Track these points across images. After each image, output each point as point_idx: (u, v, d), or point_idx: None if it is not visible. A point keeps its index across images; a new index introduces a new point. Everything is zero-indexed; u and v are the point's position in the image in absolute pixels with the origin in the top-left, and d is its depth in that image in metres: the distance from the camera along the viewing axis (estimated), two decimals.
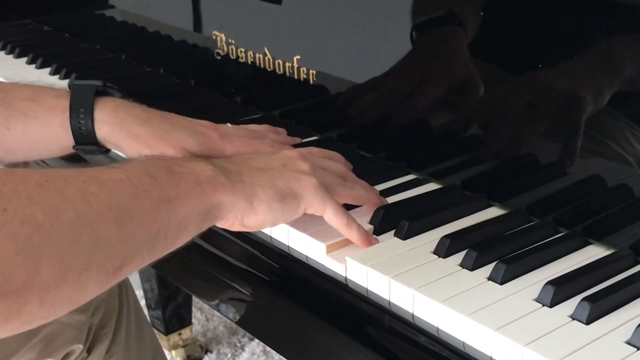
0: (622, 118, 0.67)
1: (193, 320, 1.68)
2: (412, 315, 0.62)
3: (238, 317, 0.78)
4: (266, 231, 0.75)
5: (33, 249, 0.47)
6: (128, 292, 1.05)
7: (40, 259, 0.47)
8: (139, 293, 1.65)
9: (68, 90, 0.81)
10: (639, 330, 0.56)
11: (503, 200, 0.76)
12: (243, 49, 1.01)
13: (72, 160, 0.92)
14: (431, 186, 0.81)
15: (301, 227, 0.71)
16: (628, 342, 0.56)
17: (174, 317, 1.61)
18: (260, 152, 0.76)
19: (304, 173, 0.68)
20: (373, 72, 0.86)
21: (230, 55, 1.04)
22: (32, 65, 1.27)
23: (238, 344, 1.71)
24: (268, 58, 0.97)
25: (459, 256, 0.66)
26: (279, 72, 0.96)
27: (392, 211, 0.73)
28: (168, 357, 1.60)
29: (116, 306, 1.00)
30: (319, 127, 0.95)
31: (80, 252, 0.50)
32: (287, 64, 0.95)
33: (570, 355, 0.54)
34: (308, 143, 0.91)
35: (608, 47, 0.68)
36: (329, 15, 0.89)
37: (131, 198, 0.55)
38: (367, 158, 0.88)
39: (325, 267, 0.69)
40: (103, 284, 0.53)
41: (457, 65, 0.79)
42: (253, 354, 1.67)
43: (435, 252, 0.68)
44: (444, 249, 0.67)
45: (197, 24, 1.10)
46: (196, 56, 1.12)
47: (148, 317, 1.57)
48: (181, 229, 0.59)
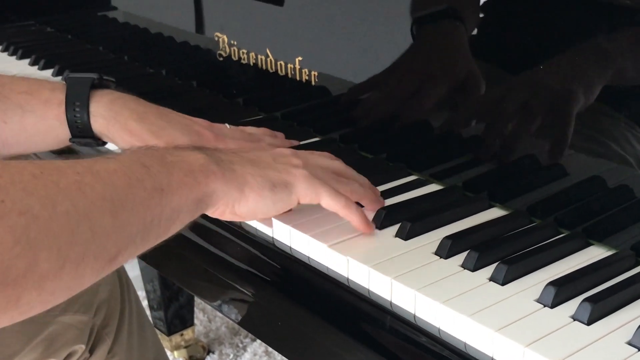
0: (623, 119, 0.67)
1: (195, 321, 1.68)
2: (414, 315, 0.62)
3: (240, 318, 0.78)
4: (268, 232, 0.75)
5: (31, 240, 0.48)
6: (130, 293, 1.05)
7: (37, 250, 0.48)
8: (142, 294, 1.65)
9: (64, 83, 0.81)
10: None
11: (504, 201, 0.76)
12: (245, 51, 1.02)
13: (65, 153, 0.91)
14: (433, 187, 0.81)
15: (303, 228, 0.71)
16: (629, 343, 0.56)
17: (176, 318, 1.61)
18: None
19: (295, 166, 0.69)
20: (374, 74, 0.86)
21: (232, 56, 1.04)
22: (35, 66, 1.27)
23: (240, 345, 1.71)
24: (270, 59, 0.98)
25: (461, 257, 0.67)
26: (281, 74, 0.96)
27: (394, 212, 0.73)
28: (170, 358, 1.60)
29: (118, 306, 1.00)
30: (321, 128, 0.95)
31: (77, 242, 0.51)
32: (289, 66, 0.95)
33: (571, 355, 0.55)
34: (309, 144, 0.91)
35: (601, 43, 0.68)
36: (331, 16, 0.89)
37: (125, 188, 0.56)
38: (369, 159, 0.88)
39: (327, 268, 0.69)
40: (99, 272, 0.54)
41: (460, 64, 0.79)
42: (255, 355, 1.67)
43: (436, 253, 0.68)
44: (446, 250, 0.67)
45: (200, 26, 1.10)
46: (198, 57, 1.12)
47: (150, 318, 1.57)
48: (174, 217, 0.60)
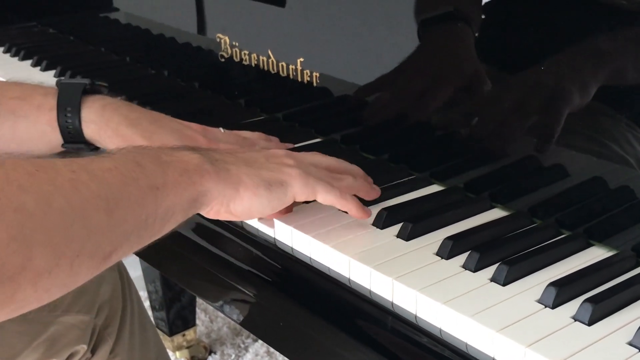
0: (624, 119, 0.67)
1: (197, 321, 1.68)
2: (415, 316, 0.62)
3: (242, 318, 0.79)
4: (270, 232, 0.75)
5: (26, 237, 0.48)
6: (132, 293, 1.05)
7: (32, 246, 0.48)
8: (144, 294, 1.65)
9: (57, 88, 0.81)
10: None
11: (505, 202, 0.76)
12: (247, 52, 1.02)
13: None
14: (434, 188, 0.81)
15: (305, 229, 0.71)
16: (630, 343, 0.56)
17: (178, 319, 1.62)
18: None
19: (288, 165, 0.69)
20: (376, 75, 0.87)
21: (234, 57, 1.04)
22: (37, 67, 1.27)
23: (242, 345, 1.71)
24: (272, 60, 0.98)
25: (462, 257, 0.67)
26: (283, 75, 0.96)
27: (396, 213, 0.73)
28: (172, 358, 1.60)
29: (120, 307, 1.01)
30: (323, 129, 0.95)
31: (71, 240, 0.51)
32: (291, 67, 0.95)
33: (572, 356, 0.55)
34: (311, 145, 0.91)
35: (597, 42, 0.68)
36: (333, 17, 0.89)
37: (120, 186, 0.56)
38: (370, 160, 0.88)
39: (328, 269, 0.69)
40: (94, 270, 0.54)
41: (466, 66, 0.79)
42: (257, 355, 1.67)
43: (438, 254, 0.68)
44: (447, 251, 0.67)
45: (201, 27, 1.10)
46: (200, 59, 1.12)
47: (152, 319, 1.57)
48: (168, 216, 0.60)
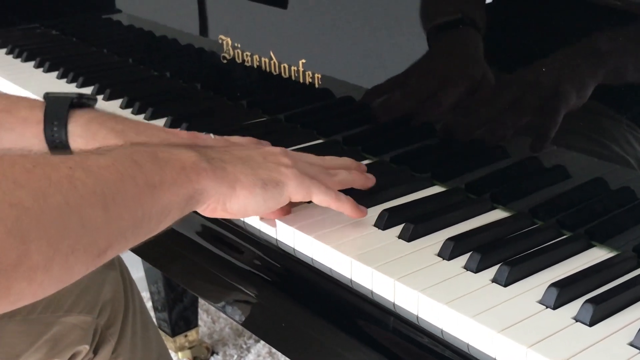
0: (625, 120, 0.68)
1: (199, 322, 1.69)
2: (417, 317, 0.63)
3: (244, 319, 0.79)
4: (272, 233, 0.75)
5: (22, 231, 0.48)
6: (133, 293, 1.05)
7: (28, 241, 0.49)
8: (146, 295, 1.65)
9: (44, 101, 0.81)
10: None
11: (507, 203, 0.77)
12: (249, 53, 1.02)
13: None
14: (435, 189, 0.82)
15: (307, 230, 0.72)
16: (631, 344, 0.56)
17: (181, 319, 1.62)
18: None
19: (285, 165, 0.69)
20: (378, 76, 0.87)
21: (236, 59, 1.04)
22: (40, 69, 1.27)
23: (244, 346, 1.72)
24: (274, 62, 0.98)
25: (463, 258, 0.67)
26: (285, 76, 0.97)
27: (397, 213, 0.74)
28: (174, 359, 1.60)
29: (122, 307, 1.01)
30: (325, 131, 0.95)
31: (67, 235, 0.51)
32: (293, 68, 0.95)
33: (573, 356, 0.55)
34: (313, 146, 0.91)
35: (594, 41, 0.68)
36: (334, 19, 0.89)
37: (116, 183, 0.56)
38: (372, 161, 0.88)
39: (330, 269, 0.70)
40: (90, 265, 0.55)
41: (474, 70, 0.79)
42: (259, 356, 1.67)
43: (439, 255, 0.68)
44: (448, 252, 0.67)
45: (203, 28, 1.11)
46: (202, 60, 1.12)
47: (155, 319, 1.57)
48: (164, 213, 0.60)
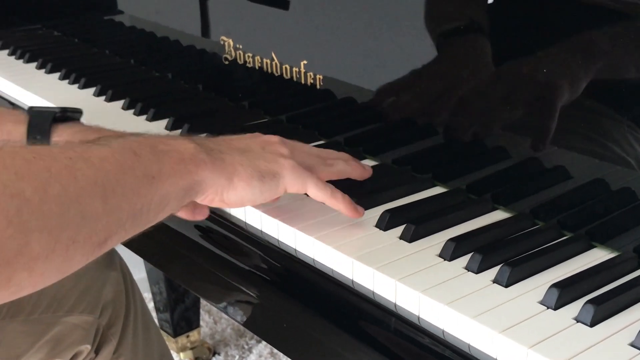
0: (625, 121, 0.68)
1: (201, 322, 1.69)
2: (418, 317, 0.63)
3: (245, 320, 0.79)
4: (274, 234, 0.75)
5: (22, 222, 0.49)
6: (135, 294, 1.06)
7: (29, 231, 0.49)
8: (148, 296, 1.66)
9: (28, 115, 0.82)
10: None
11: (508, 203, 0.77)
12: (250, 54, 1.02)
13: None
14: (437, 190, 0.82)
15: (308, 230, 0.72)
16: (632, 344, 0.56)
17: (182, 320, 1.62)
18: None
19: (282, 155, 0.70)
20: (379, 77, 0.87)
21: (237, 60, 1.04)
22: (42, 70, 1.28)
23: (245, 346, 1.72)
24: (275, 63, 0.98)
25: (464, 259, 0.67)
26: (286, 77, 0.97)
27: (398, 214, 0.74)
28: (176, 359, 1.60)
29: (123, 307, 1.01)
30: (326, 132, 0.95)
31: (67, 226, 0.52)
32: (294, 69, 0.95)
33: (574, 357, 0.55)
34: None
35: (589, 38, 0.69)
36: (336, 20, 0.90)
37: (116, 174, 0.57)
38: (374, 162, 0.88)
39: (332, 270, 0.70)
40: (89, 256, 0.55)
41: (481, 73, 0.79)
42: (260, 356, 1.67)
43: (440, 255, 0.68)
44: (450, 252, 0.67)
45: (205, 29, 1.11)
46: (204, 61, 1.13)
47: (156, 320, 1.58)
48: (163, 204, 0.61)
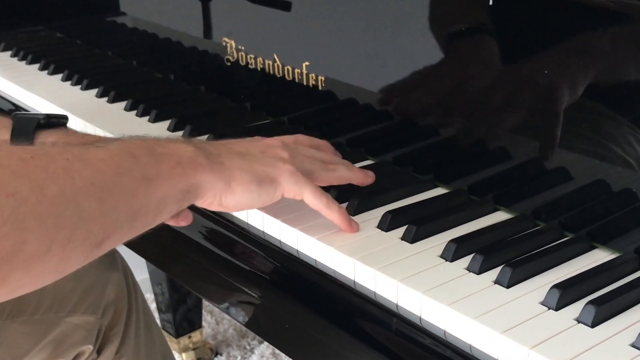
0: (626, 122, 0.68)
1: (203, 323, 1.69)
2: (420, 318, 0.63)
3: (247, 320, 0.79)
4: (276, 235, 0.75)
5: (19, 221, 0.49)
6: (137, 294, 1.06)
7: (25, 230, 0.49)
8: (150, 296, 1.66)
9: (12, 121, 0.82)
10: None
11: (509, 204, 0.77)
12: (253, 56, 1.02)
13: None
14: (438, 191, 0.82)
15: (310, 231, 0.72)
16: (633, 345, 0.56)
17: (185, 320, 1.62)
18: None
19: (282, 160, 0.70)
20: (381, 79, 0.87)
21: (240, 61, 1.05)
22: (44, 71, 1.28)
23: (247, 347, 1.72)
24: (277, 64, 0.98)
25: (466, 260, 0.67)
26: (288, 78, 0.97)
27: (400, 215, 0.74)
28: None
29: (125, 307, 1.01)
30: (328, 133, 0.95)
31: (64, 225, 0.52)
32: (296, 70, 0.96)
33: (575, 357, 0.55)
34: None
35: (587, 41, 0.69)
36: (338, 21, 0.90)
37: (113, 176, 0.57)
38: (375, 163, 0.89)
39: (334, 271, 0.70)
40: (87, 256, 0.56)
41: (488, 75, 0.79)
42: (262, 357, 1.68)
43: (442, 256, 0.68)
44: (451, 253, 0.68)
45: (207, 31, 1.11)
46: (206, 62, 1.13)
47: (159, 321, 1.58)
48: (161, 207, 0.61)
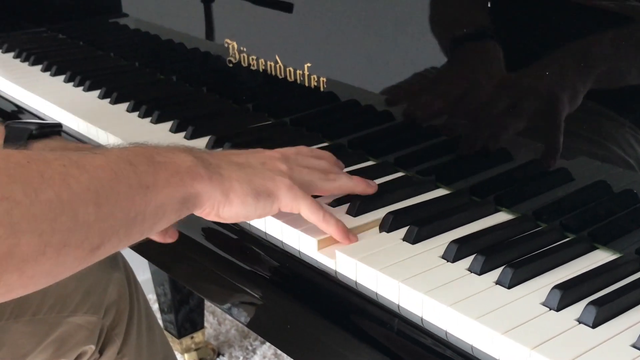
0: (627, 123, 0.68)
1: (205, 323, 1.69)
2: (421, 318, 0.63)
3: (249, 321, 0.79)
4: (278, 236, 0.76)
5: (12, 223, 0.49)
6: (138, 294, 1.06)
7: (19, 233, 0.49)
8: (152, 297, 1.66)
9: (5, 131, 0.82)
10: None
11: (510, 205, 0.77)
12: (254, 57, 1.03)
13: None
14: (440, 192, 0.82)
15: (312, 232, 0.72)
16: (634, 346, 0.57)
17: (187, 321, 1.62)
18: None
19: (280, 173, 0.70)
20: (382, 80, 0.87)
21: (242, 62, 1.05)
22: (47, 72, 1.28)
23: (249, 347, 1.72)
24: (279, 66, 0.98)
25: (467, 261, 0.67)
26: (290, 80, 0.97)
27: (402, 216, 0.74)
28: None
29: (127, 308, 1.02)
30: (330, 134, 0.96)
31: (59, 229, 0.52)
32: (298, 72, 0.96)
33: (576, 358, 0.55)
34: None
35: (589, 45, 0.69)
36: (340, 23, 0.90)
37: (110, 182, 0.57)
38: (376, 164, 0.89)
39: (335, 271, 0.70)
40: (81, 261, 0.56)
41: (491, 79, 0.79)
42: (264, 357, 1.68)
43: (443, 257, 0.68)
44: (453, 254, 0.68)
45: (210, 32, 1.11)
46: (208, 64, 1.13)
47: (161, 321, 1.58)
48: (159, 215, 0.61)
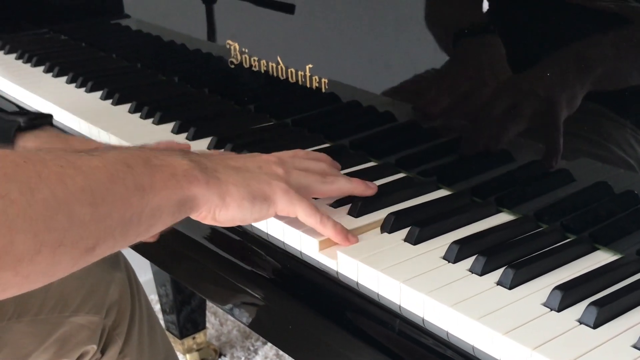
0: (628, 124, 0.68)
1: (207, 324, 1.69)
2: (422, 319, 0.63)
3: (251, 321, 0.79)
4: (279, 237, 0.76)
5: (8, 222, 0.49)
6: (140, 294, 1.06)
7: (14, 231, 0.50)
8: (154, 297, 1.66)
9: None
10: None
11: (512, 206, 0.77)
12: (256, 58, 1.03)
13: None
14: (441, 192, 0.82)
15: (313, 233, 0.72)
16: (635, 346, 0.57)
17: (188, 322, 1.63)
18: None
19: (276, 177, 0.70)
20: (384, 81, 0.87)
21: (243, 64, 1.05)
22: (49, 73, 1.28)
23: (251, 348, 1.72)
24: (281, 67, 0.99)
25: (469, 261, 0.67)
26: (292, 81, 0.97)
27: (403, 217, 0.74)
28: None
29: (128, 308, 1.02)
30: (331, 135, 0.96)
31: (54, 229, 0.52)
32: (300, 73, 0.96)
33: (577, 358, 0.55)
34: (319, 150, 0.92)
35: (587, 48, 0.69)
36: (341, 24, 0.90)
37: (106, 183, 0.57)
38: (377, 165, 0.89)
39: (337, 272, 0.70)
40: (76, 262, 0.56)
41: (494, 77, 0.79)
42: (266, 358, 1.68)
43: (445, 258, 0.68)
44: (454, 254, 0.68)
45: (211, 33, 1.11)
46: (210, 65, 1.13)
47: (163, 322, 1.58)
48: (155, 217, 0.61)
